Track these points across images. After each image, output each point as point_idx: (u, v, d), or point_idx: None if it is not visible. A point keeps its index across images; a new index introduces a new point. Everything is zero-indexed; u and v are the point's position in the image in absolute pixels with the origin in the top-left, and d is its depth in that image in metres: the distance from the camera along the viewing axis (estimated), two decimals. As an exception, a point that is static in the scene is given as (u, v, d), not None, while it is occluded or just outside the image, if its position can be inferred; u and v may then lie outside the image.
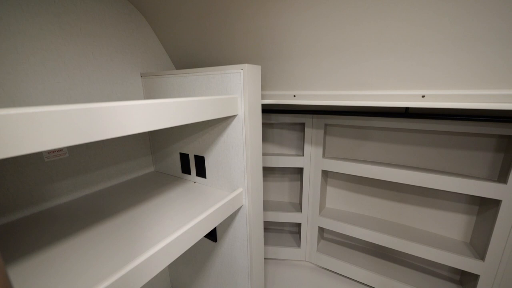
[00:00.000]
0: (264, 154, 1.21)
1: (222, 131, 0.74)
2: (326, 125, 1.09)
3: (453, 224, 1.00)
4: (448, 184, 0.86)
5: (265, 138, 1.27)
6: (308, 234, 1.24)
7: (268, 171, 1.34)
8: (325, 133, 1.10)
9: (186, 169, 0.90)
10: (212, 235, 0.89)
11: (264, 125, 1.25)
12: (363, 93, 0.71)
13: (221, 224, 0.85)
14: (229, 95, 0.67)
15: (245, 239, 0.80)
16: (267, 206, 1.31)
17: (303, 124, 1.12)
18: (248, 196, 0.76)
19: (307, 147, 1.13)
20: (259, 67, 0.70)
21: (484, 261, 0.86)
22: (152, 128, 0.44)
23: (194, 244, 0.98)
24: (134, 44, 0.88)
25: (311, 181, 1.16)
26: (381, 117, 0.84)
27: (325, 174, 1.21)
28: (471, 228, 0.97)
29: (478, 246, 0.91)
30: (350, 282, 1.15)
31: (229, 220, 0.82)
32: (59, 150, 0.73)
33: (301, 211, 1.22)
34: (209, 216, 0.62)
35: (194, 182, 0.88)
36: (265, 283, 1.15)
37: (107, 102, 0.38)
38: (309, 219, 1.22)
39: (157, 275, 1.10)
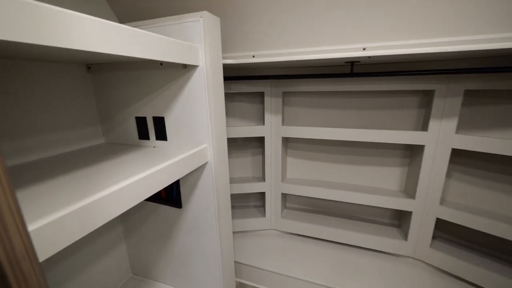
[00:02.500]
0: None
1: (183, 85, 0.72)
2: (283, 93, 1.15)
3: (391, 178, 1.17)
4: (385, 136, 1.01)
5: (226, 112, 1.27)
6: (272, 203, 1.30)
7: (230, 147, 1.35)
8: (283, 102, 1.17)
9: (144, 135, 0.84)
10: (176, 202, 0.86)
11: (225, 96, 1.25)
12: (313, 49, 0.78)
13: (186, 188, 0.83)
14: (189, 43, 0.65)
15: (212, 197, 0.79)
16: (231, 181, 1.31)
17: (262, 94, 1.17)
18: (214, 152, 0.76)
19: (267, 116, 1.17)
20: (218, 18, 0.70)
21: (415, 199, 1.03)
22: (102, 49, 0.41)
23: (156, 217, 0.92)
24: (74, -5, 0.78)
25: (273, 149, 1.22)
26: (330, 77, 0.93)
27: (285, 143, 1.27)
28: (404, 178, 1.15)
29: (410, 190, 1.09)
30: (313, 241, 1.25)
31: (194, 180, 0.80)
32: (-21, 106, 0.60)
33: (264, 181, 1.27)
34: (170, 166, 0.59)
35: (154, 147, 0.83)
36: (234, 254, 1.16)
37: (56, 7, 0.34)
38: (272, 187, 1.27)
39: (115, 262, 1.00)
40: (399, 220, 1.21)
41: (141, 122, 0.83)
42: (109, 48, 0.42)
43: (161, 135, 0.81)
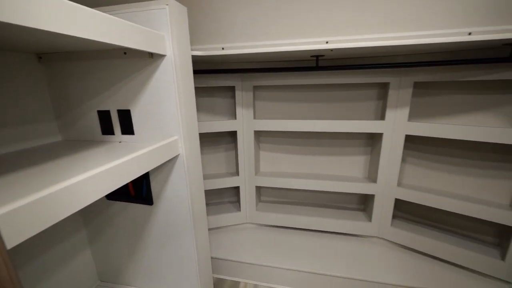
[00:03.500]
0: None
1: (150, 75, 0.70)
2: (254, 87, 1.17)
3: (356, 165, 1.26)
4: (348, 126, 1.08)
5: (197, 107, 1.25)
6: (247, 196, 1.31)
7: (203, 143, 1.33)
8: (254, 96, 1.18)
9: (107, 129, 0.79)
10: (147, 199, 0.82)
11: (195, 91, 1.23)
12: (280, 42, 0.82)
13: (157, 183, 0.80)
14: (155, 31, 0.63)
15: (185, 191, 0.78)
16: (205, 178, 1.29)
17: (233, 88, 1.17)
18: (185, 144, 0.74)
19: (238, 110, 1.18)
20: (185, 8, 0.69)
21: (376, 183, 1.13)
22: (59, 29, 0.38)
23: (125, 217, 0.87)
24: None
25: (245, 143, 1.23)
26: (297, 71, 0.98)
27: (258, 137, 1.30)
28: (367, 165, 1.25)
29: (372, 175, 1.18)
30: (289, 230, 1.29)
31: (166, 174, 0.78)
32: None
33: (238, 175, 1.27)
34: (137, 158, 0.57)
35: (120, 142, 0.79)
36: (210, 250, 1.15)
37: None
38: (246, 181, 1.28)
39: (80, 271, 0.92)
40: (364, 204, 1.31)
41: (104, 116, 0.78)
42: (63, 28, 0.39)
43: (128, 129, 0.77)
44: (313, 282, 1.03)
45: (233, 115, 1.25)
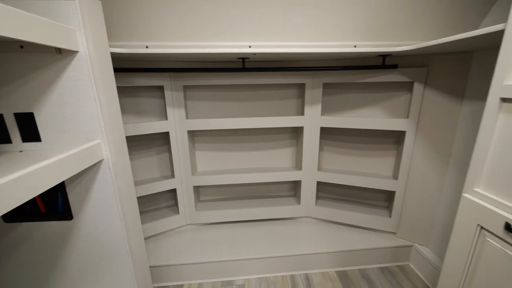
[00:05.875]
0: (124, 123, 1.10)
1: (59, 73, 0.62)
2: (184, 87, 1.16)
3: (285, 157, 1.42)
4: (274, 122, 1.22)
5: (123, 109, 1.15)
6: (185, 198, 1.29)
7: (132, 147, 1.23)
8: (185, 95, 1.18)
9: (1, 137, 0.65)
10: (64, 214, 0.72)
11: (119, 91, 1.12)
12: (207, 44, 0.85)
13: (76, 194, 0.71)
14: (63, 24, 0.57)
15: (113, 198, 0.72)
16: (137, 184, 1.20)
17: (161, 88, 1.13)
18: (110, 148, 0.69)
19: (169, 111, 1.15)
20: (99, 2, 0.64)
21: (302, 170, 1.30)
22: None
23: (35, 240, 0.74)
24: None
25: (179, 143, 1.21)
26: (225, 71, 1.03)
27: (192, 137, 1.29)
28: (294, 155, 1.42)
29: (299, 164, 1.36)
30: (229, 225, 1.34)
31: (88, 182, 0.70)
32: None
33: (174, 177, 1.24)
34: (45, 168, 0.48)
35: (21, 151, 0.66)
36: (148, 259, 1.08)
37: None
38: (183, 181, 1.26)
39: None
40: (294, 190, 1.49)
41: (-6, 121, 0.64)
42: None
43: (31, 135, 0.66)
44: (256, 267, 1.12)
45: (164, 116, 1.20)
